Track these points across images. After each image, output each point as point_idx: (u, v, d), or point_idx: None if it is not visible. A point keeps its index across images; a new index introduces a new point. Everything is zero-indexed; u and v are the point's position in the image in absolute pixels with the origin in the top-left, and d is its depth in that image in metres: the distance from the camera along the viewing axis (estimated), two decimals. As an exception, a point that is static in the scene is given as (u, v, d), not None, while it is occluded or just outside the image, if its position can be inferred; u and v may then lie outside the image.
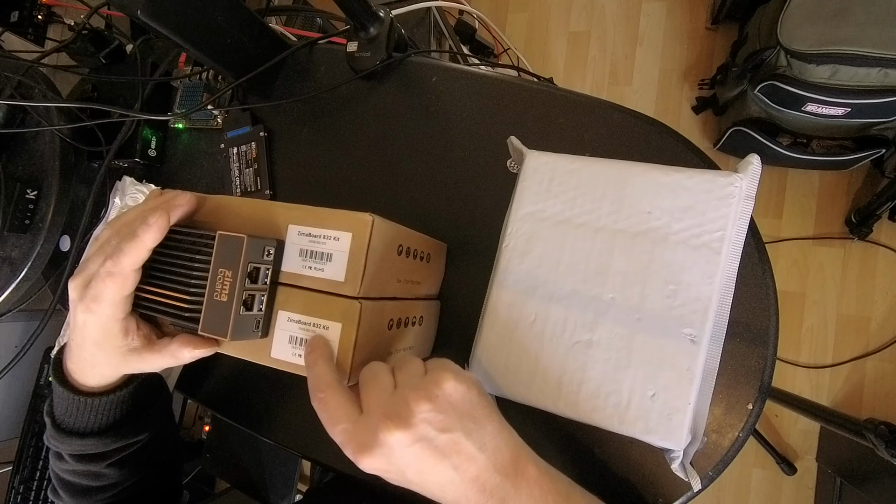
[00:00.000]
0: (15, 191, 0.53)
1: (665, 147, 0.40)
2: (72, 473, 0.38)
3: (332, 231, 0.30)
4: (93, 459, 0.37)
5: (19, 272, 0.54)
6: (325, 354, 0.29)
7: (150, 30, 0.41)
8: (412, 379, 0.28)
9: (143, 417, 0.39)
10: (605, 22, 1.43)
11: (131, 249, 0.30)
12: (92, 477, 0.38)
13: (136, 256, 0.30)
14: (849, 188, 1.20)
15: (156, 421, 0.40)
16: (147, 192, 0.53)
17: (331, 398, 0.27)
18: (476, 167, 0.45)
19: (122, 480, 0.39)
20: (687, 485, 0.35)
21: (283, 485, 1.01)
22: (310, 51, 0.53)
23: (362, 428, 0.26)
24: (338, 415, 0.27)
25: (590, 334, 0.35)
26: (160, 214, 0.30)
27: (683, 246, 0.34)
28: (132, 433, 0.38)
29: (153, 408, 0.40)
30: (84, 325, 0.32)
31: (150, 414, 0.40)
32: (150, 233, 0.30)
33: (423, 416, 0.25)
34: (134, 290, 0.32)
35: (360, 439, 0.26)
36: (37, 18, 0.73)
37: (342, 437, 0.26)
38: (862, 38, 0.88)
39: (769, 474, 1.18)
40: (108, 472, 0.38)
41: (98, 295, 0.31)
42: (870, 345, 1.15)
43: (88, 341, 0.33)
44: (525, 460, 0.28)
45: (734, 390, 0.37)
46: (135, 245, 0.30)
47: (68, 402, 0.36)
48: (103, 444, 0.36)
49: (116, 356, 0.33)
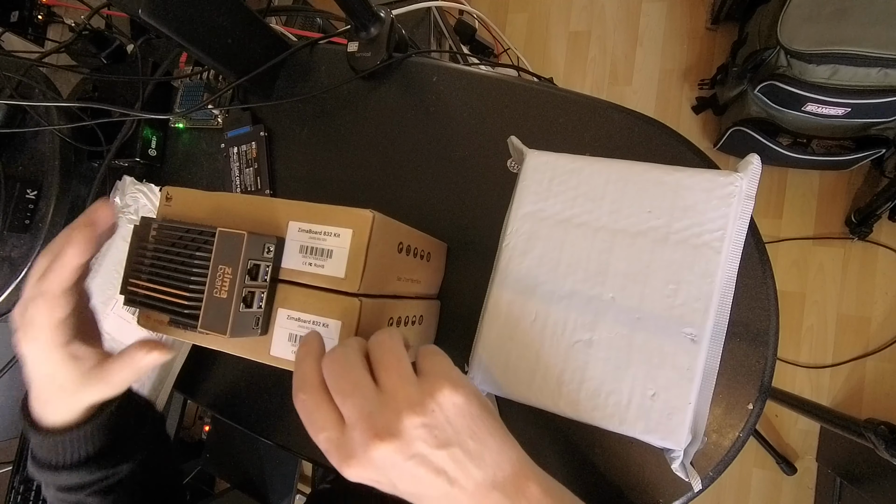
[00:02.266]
0: (15, 191, 0.53)
1: (665, 147, 0.40)
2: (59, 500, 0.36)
3: (333, 227, 0.30)
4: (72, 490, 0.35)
5: (19, 272, 0.54)
6: (314, 351, 0.27)
7: (151, 29, 0.41)
8: (402, 385, 0.24)
9: (123, 448, 0.36)
10: (605, 22, 1.43)
11: (55, 268, 0.29)
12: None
13: (61, 275, 0.29)
14: (849, 188, 1.20)
15: (140, 449, 0.37)
16: (147, 192, 0.53)
17: (312, 401, 0.25)
18: (476, 167, 0.45)
19: None
20: (687, 485, 0.35)
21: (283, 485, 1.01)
22: (310, 51, 0.53)
23: (348, 440, 0.23)
24: (321, 421, 0.24)
25: (590, 334, 0.35)
26: (80, 230, 0.29)
27: (684, 245, 0.34)
28: (111, 464, 0.35)
29: (134, 438, 0.37)
30: (27, 357, 0.30)
31: (132, 444, 0.37)
32: (73, 250, 0.28)
33: (417, 433, 0.23)
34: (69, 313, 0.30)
35: (347, 450, 0.23)
36: (37, 18, 0.73)
37: (326, 445, 0.24)
38: (862, 38, 0.88)
39: (769, 474, 1.18)
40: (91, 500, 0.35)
41: (31, 322, 0.29)
42: (870, 345, 1.15)
43: (37, 376, 0.31)
44: (527, 478, 0.25)
45: (734, 390, 0.36)
46: (58, 264, 0.28)
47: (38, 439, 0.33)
48: (79, 476, 0.34)
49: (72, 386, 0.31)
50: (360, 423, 0.23)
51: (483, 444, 0.25)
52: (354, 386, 0.24)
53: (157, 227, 0.32)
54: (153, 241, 0.33)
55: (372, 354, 0.26)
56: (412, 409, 0.23)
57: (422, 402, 0.24)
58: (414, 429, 0.23)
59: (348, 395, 0.24)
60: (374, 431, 0.23)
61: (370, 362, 0.26)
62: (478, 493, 0.24)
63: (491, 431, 0.25)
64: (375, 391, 0.24)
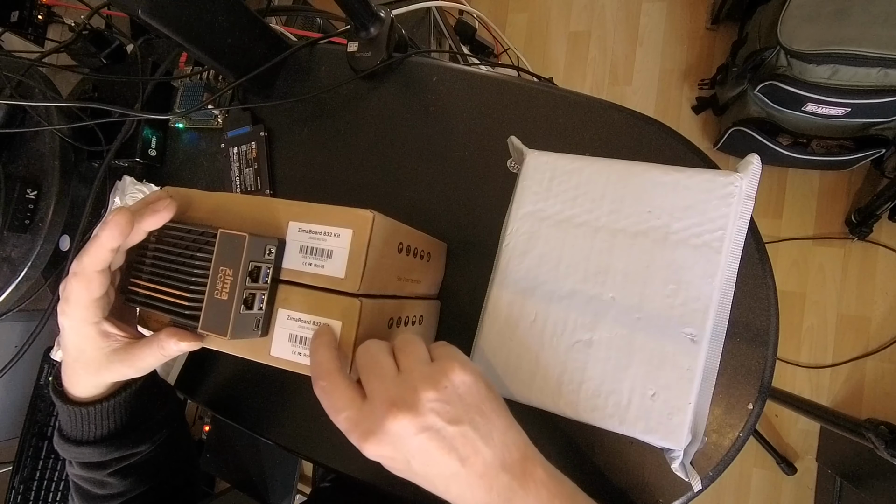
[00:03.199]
0: (15, 191, 0.53)
1: (665, 147, 0.40)
2: (79, 478, 0.38)
3: (333, 228, 0.30)
4: (93, 467, 0.37)
5: (19, 272, 0.54)
6: (327, 342, 0.28)
7: (151, 29, 0.41)
8: (418, 365, 0.27)
9: (142, 428, 0.38)
10: (605, 22, 1.43)
11: (90, 249, 0.29)
12: (96, 484, 0.38)
13: (96, 257, 0.29)
14: (849, 188, 1.20)
15: (157, 432, 0.39)
16: (147, 192, 0.53)
17: (333, 386, 0.27)
18: (476, 167, 0.45)
19: (127, 490, 0.38)
20: (687, 485, 0.35)
21: (283, 485, 1.01)
22: (310, 51, 0.53)
23: (367, 415, 0.25)
24: (341, 402, 0.26)
25: (590, 334, 0.35)
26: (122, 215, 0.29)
27: (684, 245, 0.34)
28: (131, 444, 0.37)
29: (154, 419, 0.39)
30: (63, 327, 0.31)
31: (150, 426, 0.39)
32: (107, 232, 0.29)
33: (430, 406, 0.25)
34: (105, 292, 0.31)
35: (365, 426, 0.25)
36: (37, 18, 0.73)
37: (346, 424, 0.26)
38: (862, 38, 0.88)
39: (769, 474, 1.18)
40: (111, 480, 0.37)
41: (67, 297, 0.30)
42: (870, 345, 1.15)
43: (69, 347, 0.32)
44: (533, 462, 0.27)
45: (734, 390, 0.37)
46: (93, 245, 0.29)
47: (64, 412, 0.36)
48: (99, 453, 0.36)
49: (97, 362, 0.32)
50: (379, 396, 0.25)
51: (491, 424, 0.26)
52: (380, 366, 0.27)
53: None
54: (154, 242, 0.33)
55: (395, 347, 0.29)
56: (426, 383, 0.26)
57: (435, 379, 0.26)
58: (428, 402, 0.25)
59: (373, 373, 0.27)
60: (392, 402, 0.25)
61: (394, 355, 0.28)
62: (487, 475, 0.25)
63: (498, 412, 0.27)
64: (396, 372, 0.27)
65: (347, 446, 0.26)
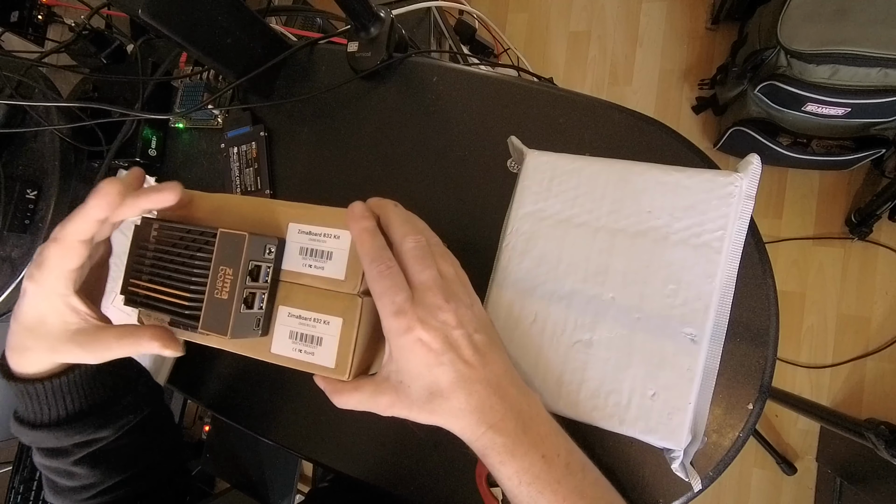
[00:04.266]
0: (15, 191, 0.53)
1: (665, 147, 0.40)
2: (45, 469, 0.36)
3: (333, 229, 0.30)
4: (55, 455, 0.35)
5: (19, 272, 0.54)
6: (371, 228, 0.29)
7: (151, 29, 0.41)
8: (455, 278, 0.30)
9: (104, 413, 0.35)
10: (605, 22, 1.43)
11: (75, 217, 0.28)
12: (63, 475, 0.36)
13: (80, 225, 0.28)
14: (849, 188, 1.20)
15: (122, 417, 0.36)
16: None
17: (390, 270, 0.28)
18: (476, 167, 0.45)
19: (98, 481, 0.36)
20: (687, 485, 0.35)
21: (283, 485, 1.01)
22: (310, 51, 0.53)
23: (423, 298, 0.28)
24: (402, 283, 0.28)
25: (590, 334, 0.35)
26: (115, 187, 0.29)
27: (683, 245, 0.34)
28: (91, 429, 0.34)
29: (119, 404, 0.36)
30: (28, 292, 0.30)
31: (115, 410, 0.36)
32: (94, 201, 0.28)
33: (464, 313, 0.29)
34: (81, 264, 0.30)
35: (421, 309, 0.27)
36: (37, 18, 0.73)
37: (405, 304, 0.27)
38: (862, 38, 0.88)
39: (769, 474, 1.18)
40: (78, 470, 0.35)
41: (41, 263, 0.29)
42: (870, 345, 1.15)
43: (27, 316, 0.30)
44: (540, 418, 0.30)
45: (734, 390, 0.36)
46: (79, 213, 0.28)
47: (13, 390, 0.33)
48: (56, 438, 0.33)
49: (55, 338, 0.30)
50: (434, 287, 0.28)
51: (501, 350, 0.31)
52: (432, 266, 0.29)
53: (157, 227, 0.32)
54: (154, 242, 0.33)
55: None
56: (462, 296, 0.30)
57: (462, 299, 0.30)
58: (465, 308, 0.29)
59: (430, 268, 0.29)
60: (445, 297, 0.28)
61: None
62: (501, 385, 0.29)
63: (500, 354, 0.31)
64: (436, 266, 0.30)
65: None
